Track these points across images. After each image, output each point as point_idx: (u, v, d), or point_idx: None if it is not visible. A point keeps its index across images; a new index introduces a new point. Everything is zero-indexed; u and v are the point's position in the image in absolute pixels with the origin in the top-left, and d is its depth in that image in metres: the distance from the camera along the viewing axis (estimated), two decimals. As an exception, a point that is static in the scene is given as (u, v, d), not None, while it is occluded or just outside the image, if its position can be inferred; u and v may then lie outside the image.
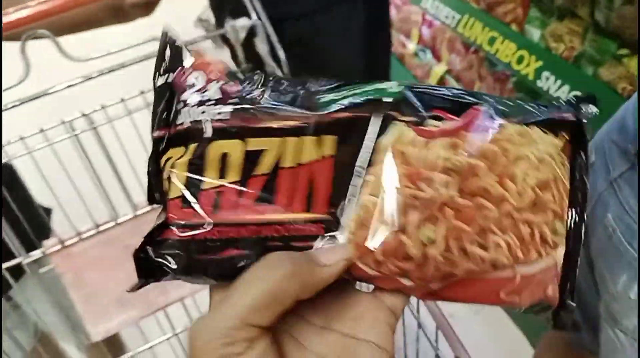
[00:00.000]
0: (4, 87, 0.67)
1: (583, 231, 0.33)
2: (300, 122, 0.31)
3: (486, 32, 1.45)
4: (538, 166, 0.31)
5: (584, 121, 0.32)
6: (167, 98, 0.33)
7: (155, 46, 0.73)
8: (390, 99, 0.31)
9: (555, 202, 0.31)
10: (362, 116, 0.31)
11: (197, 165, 0.32)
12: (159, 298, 0.87)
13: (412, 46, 2.10)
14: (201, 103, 0.32)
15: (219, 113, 0.32)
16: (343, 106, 0.31)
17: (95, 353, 1.05)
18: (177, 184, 0.32)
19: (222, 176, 0.31)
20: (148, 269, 0.33)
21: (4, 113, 0.70)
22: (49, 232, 0.94)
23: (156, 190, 0.34)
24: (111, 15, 0.85)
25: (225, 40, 0.97)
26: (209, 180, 0.32)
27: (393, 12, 2.09)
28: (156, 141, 0.33)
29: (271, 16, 1.04)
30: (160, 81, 0.33)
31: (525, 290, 0.31)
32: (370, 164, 0.31)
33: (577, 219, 0.33)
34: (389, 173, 0.31)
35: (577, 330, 0.33)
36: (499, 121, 0.31)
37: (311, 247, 0.31)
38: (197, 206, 0.32)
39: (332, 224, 0.31)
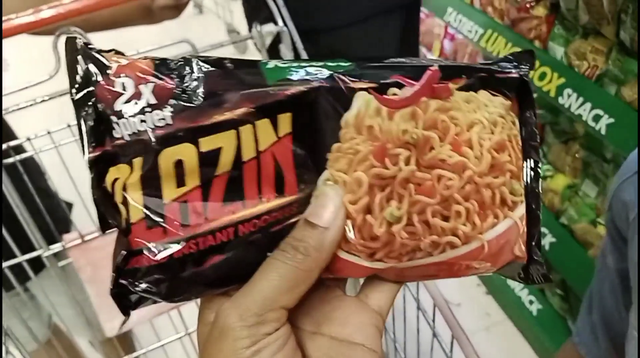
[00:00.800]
0: (34, 82, 0.69)
1: (540, 186, 0.33)
2: (250, 107, 0.29)
3: (509, 47, 1.45)
4: (492, 129, 0.31)
5: (528, 79, 0.32)
6: (93, 113, 0.29)
7: (184, 48, 0.75)
8: (344, 69, 0.31)
9: (511, 162, 0.32)
10: (315, 87, 0.30)
11: (151, 180, 0.29)
12: (174, 296, 0.88)
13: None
14: (137, 112, 0.28)
15: (160, 119, 0.28)
16: (293, 81, 0.30)
17: (107, 349, 1.06)
18: (135, 206, 0.29)
19: (180, 184, 0.29)
20: (130, 303, 0.31)
21: (34, 107, 0.71)
22: (69, 226, 0.95)
23: (110, 217, 0.30)
24: (141, 16, 0.87)
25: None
26: (169, 192, 0.29)
27: (415, 24, 2.10)
28: (93, 163, 0.29)
29: (305, 27, 1.04)
30: (80, 95, 0.29)
31: (494, 256, 0.32)
32: (337, 139, 0.31)
33: (532, 175, 0.33)
34: (356, 152, 0.31)
35: (548, 281, 0.33)
36: (449, 85, 0.31)
37: (289, 226, 0.31)
38: (164, 224, 0.29)
39: (304, 202, 0.31)
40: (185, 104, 0.29)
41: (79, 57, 0.29)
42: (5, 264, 0.78)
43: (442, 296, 0.55)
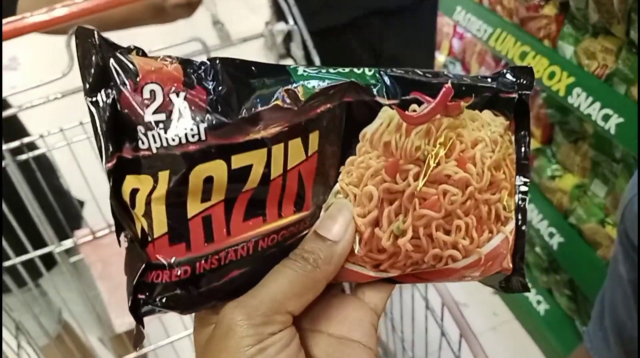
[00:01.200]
0: (48, 80, 0.70)
1: (527, 202, 0.35)
2: (284, 126, 0.28)
3: (518, 46, 1.45)
4: (493, 148, 0.33)
5: (527, 101, 0.34)
6: (113, 117, 0.26)
7: (195, 46, 0.75)
8: (369, 83, 0.31)
9: (506, 179, 0.33)
10: (341, 102, 0.30)
11: (178, 195, 0.27)
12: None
13: (442, 58, 2.10)
14: (169, 125, 0.26)
15: (194, 134, 0.26)
16: (322, 94, 0.29)
17: (117, 344, 1.07)
18: (159, 220, 0.28)
19: (205, 199, 0.28)
20: (147, 315, 0.30)
21: (47, 105, 0.72)
22: (81, 223, 0.96)
23: (126, 227, 0.29)
24: (153, 15, 0.87)
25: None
26: (193, 207, 0.28)
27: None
28: (111, 172, 0.27)
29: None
30: (98, 97, 0.26)
31: (485, 267, 0.33)
32: (353, 152, 0.32)
33: (522, 191, 0.35)
34: (368, 167, 0.31)
35: (526, 291, 0.36)
36: (461, 103, 0.32)
37: (300, 239, 0.31)
38: (188, 240, 0.28)
39: (315, 216, 0.32)
40: (218, 119, 0.27)
41: (95, 52, 0.26)
42: (17, 260, 0.79)
43: (451, 296, 0.55)
